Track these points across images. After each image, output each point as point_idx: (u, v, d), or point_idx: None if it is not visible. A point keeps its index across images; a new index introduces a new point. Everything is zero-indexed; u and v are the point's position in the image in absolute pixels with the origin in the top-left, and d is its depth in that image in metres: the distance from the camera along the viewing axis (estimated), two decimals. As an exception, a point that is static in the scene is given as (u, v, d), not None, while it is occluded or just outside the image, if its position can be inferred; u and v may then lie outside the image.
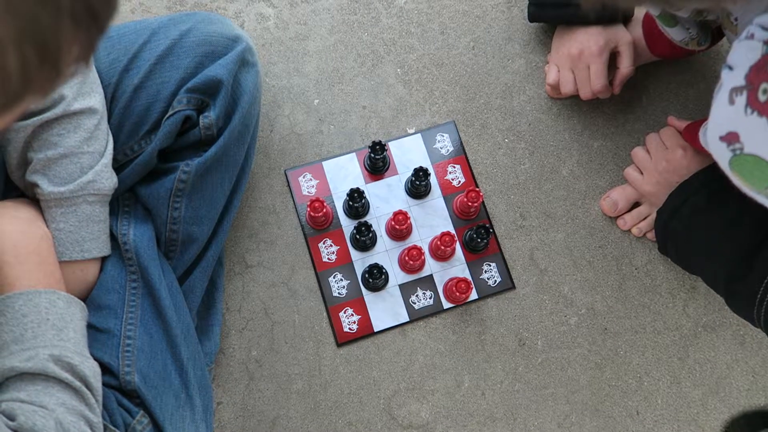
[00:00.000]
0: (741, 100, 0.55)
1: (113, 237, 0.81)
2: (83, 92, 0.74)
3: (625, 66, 0.99)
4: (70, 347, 0.67)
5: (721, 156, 0.59)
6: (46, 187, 0.73)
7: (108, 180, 0.77)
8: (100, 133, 0.76)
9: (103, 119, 0.77)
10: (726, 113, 0.57)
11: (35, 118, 0.72)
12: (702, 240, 0.88)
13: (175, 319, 0.80)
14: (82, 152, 0.74)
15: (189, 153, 0.84)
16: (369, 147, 0.98)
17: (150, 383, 0.74)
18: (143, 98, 0.80)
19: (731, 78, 0.57)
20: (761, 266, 0.78)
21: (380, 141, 0.97)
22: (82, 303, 0.73)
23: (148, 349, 0.76)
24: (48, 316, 0.67)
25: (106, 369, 0.74)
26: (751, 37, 0.56)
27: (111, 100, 0.80)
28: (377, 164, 1.01)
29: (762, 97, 0.53)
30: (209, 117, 0.82)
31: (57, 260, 0.74)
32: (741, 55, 0.56)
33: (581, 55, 0.98)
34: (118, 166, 0.82)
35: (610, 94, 1.02)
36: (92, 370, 0.68)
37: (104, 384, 0.73)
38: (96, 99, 0.75)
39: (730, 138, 0.57)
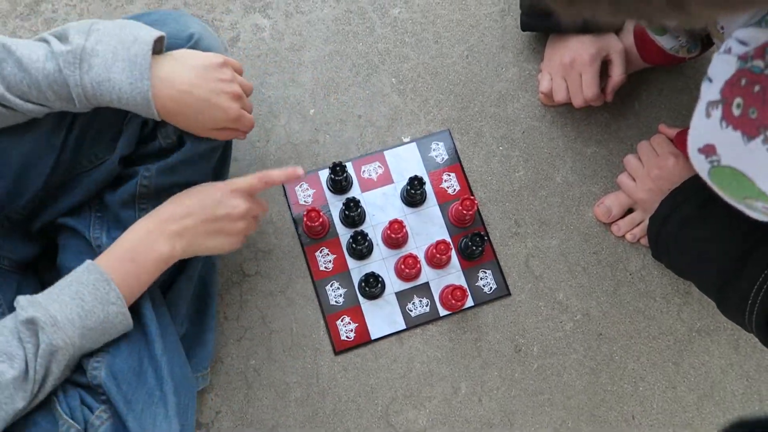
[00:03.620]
0: (717, 113, 0.56)
1: (87, 243, 0.81)
2: None
3: (617, 74, 1.00)
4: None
5: (701, 167, 0.60)
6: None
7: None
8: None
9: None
10: (703, 126, 0.58)
11: None
12: (694, 246, 0.88)
13: (150, 317, 0.79)
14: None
15: (153, 160, 0.83)
16: (329, 168, 0.98)
17: (121, 379, 0.74)
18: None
19: (709, 91, 0.58)
20: (752, 272, 0.78)
21: (340, 162, 0.98)
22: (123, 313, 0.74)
23: (124, 346, 0.76)
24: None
25: (78, 367, 0.74)
26: (728, 51, 0.57)
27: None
28: (340, 184, 1.01)
29: (736, 112, 0.54)
30: (166, 124, 0.80)
31: (149, 279, 0.76)
32: (718, 68, 0.57)
33: (573, 64, 0.99)
34: (83, 171, 0.82)
35: (602, 101, 1.03)
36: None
37: (74, 382, 0.73)
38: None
39: (708, 150, 0.58)
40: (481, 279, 1.01)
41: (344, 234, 1.01)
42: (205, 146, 0.84)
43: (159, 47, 0.76)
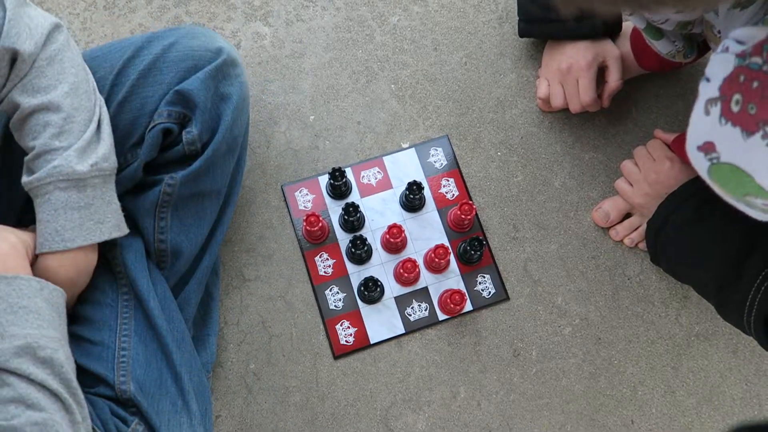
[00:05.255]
0: (715, 110, 0.57)
1: (101, 252, 0.82)
2: (38, 88, 0.73)
3: (614, 80, 1.01)
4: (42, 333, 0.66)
5: (700, 165, 0.60)
6: (22, 178, 0.73)
7: (78, 164, 0.72)
8: (74, 126, 0.73)
9: (77, 112, 0.75)
10: (702, 124, 0.58)
11: None
12: (691, 249, 0.89)
13: (167, 328, 0.81)
14: (53, 148, 0.72)
15: (175, 167, 0.85)
16: (329, 173, 0.99)
17: (146, 391, 0.75)
18: (127, 113, 0.81)
19: (707, 89, 0.58)
20: (749, 274, 0.79)
21: (340, 167, 0.98)
22: (58, 288, 0.71)
23: (143, 358, 0.77)
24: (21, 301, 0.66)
25: (101, 380, 0.75)
26: (726, 50, 0.57)
27: None
28: (340, 189, 1.02)
29: (735, 108, 0.55)
30: (192, 132, 0.83)
31: (27, 269, 0.71)
32: (716, 67, 0.58)
33: (570, 70, 1.00)
34: None
35: (599, 107, 1.04)
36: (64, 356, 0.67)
37: (99, 395, 0.74)
38: (56, 93, 0.73)
39: (707, 147, 0.58)
40: (479, 283, 1.01)
41: (343, 239, 1.02)
42: (224, 148, 0.86)
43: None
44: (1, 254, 0.70)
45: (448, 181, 1.05)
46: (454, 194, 1.05)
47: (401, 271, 0.97)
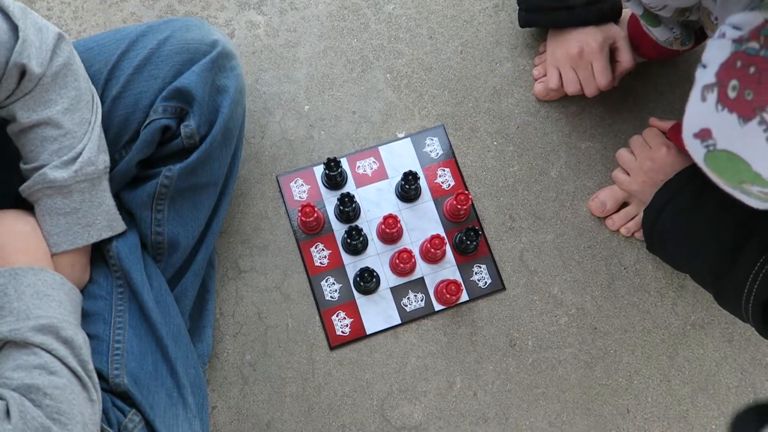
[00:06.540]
0: (712, 97, 0.56)
1: (96, 244, 0.81)
2: (39, 103, 0.73)
3: (626, 59, 1.00)
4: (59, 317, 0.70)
5: (696, 153, 0.60)
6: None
7: (61, 171, 0.73)
8: (74, 141, 0.75)
9: (78, 126, 0.75)
10: (699, 110, 0.58)
11: None
12: (688, 237, 0.89)
13: (161, 321, 0.81)
14: (51, 161, 0.74)
15: (173, 160, 0.84)
16: (324, 164, 0.98)
17: (141, 384, 0.75)
18: (122, 109, 0.81)
19: (703, 76, 0.58)
20: (747, 261, 0.78)
21: (335, 157, 0.98)
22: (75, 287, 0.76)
23: (137, 351, 0.77)
24: (46, 290, 0.70)
25: (97, 374, 0.75)
26: (723, 36, 0.57)
27: None
28: (335, 180, 1.01)
29: (731, 94, 0.54)
30: (190, 126, 0.82)
31: (47, 252, 0.75)
32: (713, 53, 0.57)
33: (582, 54, 0.99)
34: None
35: (611, 86, 1.02)
36: (81, 336, 0.71)
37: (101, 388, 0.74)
38: (56, 109, 0.73)
39: (703, 134, 0.58)
40: (475, 273, 1.01)
41: (339, 229, 1.01)
42: (221, 140, 0.86)
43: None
44: (23, 233, 0.74)
45: (443, 171, 1.05)
46: (450, 184, 1.04)
47: (397, 261, 0.97)
